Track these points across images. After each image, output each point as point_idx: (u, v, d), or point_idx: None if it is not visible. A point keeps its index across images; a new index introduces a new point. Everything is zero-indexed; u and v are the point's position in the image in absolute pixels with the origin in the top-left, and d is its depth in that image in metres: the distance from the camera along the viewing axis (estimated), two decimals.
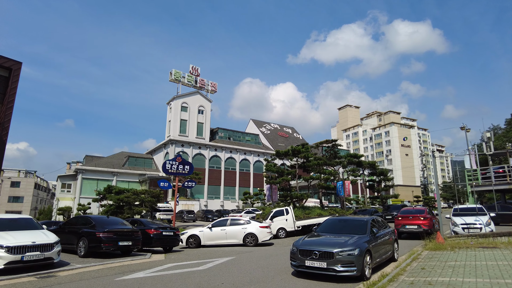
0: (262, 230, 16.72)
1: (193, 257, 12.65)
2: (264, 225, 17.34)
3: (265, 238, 16.71)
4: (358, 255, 7.88)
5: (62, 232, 13.15)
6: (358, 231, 9.34)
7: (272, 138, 69.59)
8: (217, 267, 10.08)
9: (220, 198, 54.87)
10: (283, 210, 22.36)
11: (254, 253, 13.47)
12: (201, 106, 57.08)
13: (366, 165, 36.99)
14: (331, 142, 31.31)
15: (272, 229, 21.43)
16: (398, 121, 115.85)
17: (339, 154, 32.51)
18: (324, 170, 27.28)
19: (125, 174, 51.52)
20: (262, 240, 16.59)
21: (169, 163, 26.95)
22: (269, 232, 17.00)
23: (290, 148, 27.23)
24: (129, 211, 32.77)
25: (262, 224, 17.40)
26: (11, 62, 23.70)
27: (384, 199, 40.53)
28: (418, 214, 16.72)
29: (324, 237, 9.22)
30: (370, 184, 40.90)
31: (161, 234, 14.42)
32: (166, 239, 14.58)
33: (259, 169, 60.90)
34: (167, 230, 14.83)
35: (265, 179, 28.62)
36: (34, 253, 8.98)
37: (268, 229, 17.12)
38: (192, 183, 28.11)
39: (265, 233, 16.79)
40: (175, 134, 52.57)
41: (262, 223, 17.70)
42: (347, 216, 10.65)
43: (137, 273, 9.04)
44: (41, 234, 9.77)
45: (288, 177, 25.86)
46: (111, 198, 35.16)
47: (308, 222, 22.68)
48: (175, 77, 55.07)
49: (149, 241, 14.07)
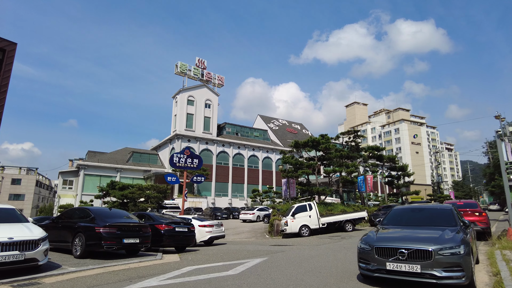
0: (200, 230, 14.97)
1: (214, 258, 10.31)
2: (203, 223, 15.39)
3: (203, 238, 14.99)
4: (465, 254, 5.51)
5: (55, 227, 10.84)
6: (444, 222, 6.96)
7: (281, 134, 67.12)
8: (252, 271, 7.72)
9: (228, 195, 52.49)
10: (306, 205, 20.01)
11: (288, 253, 11.10)
12: (208, 100, 54.71)
13: (386, 159, 34.45)
14: (353, 133, 28.65)
15: (293, 226, 19.15)
16: (407, 118, 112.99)
17: (360, 146, 29.95)
18: (346, 163, 24.80)
19: (129, 170, 49.26)
20: (200, 240, 14.91)
21: (177, 156, 24.81)
22: (208, 232, 15.13)
23: (309, 138, 24.81)
24: (134, 208, 30.53)
25: (202, 223, 15.37)
26: (5, 43, 21.35)
27: (405, 196, 38.03)
28: (472, 209, 14.07)
29: (402, 230, 6.83)
30: (389, 180, 38.37)
31: (174, 231, 12.05)
32: (179, 236, 12.21)
33: (268, 165, 58.47)
34: (181, 225, 12.46)
35: (282, 173, 26.34)
36: (11, 252, 6.68)
37: (208, 228, 15.23)
38: (201, 178, 25.90)
39: (204, 233, 15.04)
40: (181, 129, 50.25)
41: (203, 222, 15.46)
42: (422, 204, 8.38)
43: (148, 280, 6.71)
44: (22, 228, 7.47)
45: (308, 170, 23.44)
46: (115, 194, 32.94)
47: (334, 219, 20.30)
48: (180, 69, 52.76)
49: (159, 238, 11.69)
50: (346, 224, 20.50)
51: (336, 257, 9.95)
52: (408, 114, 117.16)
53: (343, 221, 20.44)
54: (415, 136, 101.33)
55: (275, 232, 21.37)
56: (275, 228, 21.50)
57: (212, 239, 15.44)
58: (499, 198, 60.58)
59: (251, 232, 23.89)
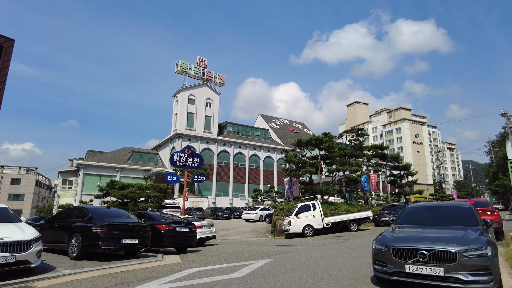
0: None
1: (217, 259, 9.87)
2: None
3: None
4: (493, 256, 5.07)
5: (51, 227, 10.41)
6: (464, 221, 6.51)
7: (282, 133, 66.64)
8: (258, 273, 7.27)
9: (229, 195, 52.02)
10: (310, 205, 19.55)
11: (293, 254, 10.65)
12: (208, 98, 54.22)
13: (389, 158, 33.97)
14: (357, 131, 28.14)
15: (297, 226, 18.70)
16: (409, 117, 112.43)
17: (364, 145, 29.42)
18: (350, 161, 24.30)
19: (129, 170, 48.81)
20: None
21: (178, 155, 24.39)
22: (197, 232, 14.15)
23: (312, 137, 24.34)
24: (134, 207, 30.08)
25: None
26: (2, 39, 20.92)
27: (408, 195, 37.55)
28: (483, 208, 13.52)
29: (421, 230, 6.37)
30: (392, 179, 37.89)
31: (175, 231, 11.61)
32: (180, 237, 11.76)
33: (269, 165, 58.00)
34: (182, 225, 12.02)
35: (285, 172, 25.87)
36: (0, 254, 6.24)
37: (197, 229, 14.32)
38: (202, 177, 25.45)
39: None
40: (181, 128, 49.78)
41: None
42: (438, 202, 7.92)
43: (148, 283, 6.27)
44: (14, 228, 7.03)
45: (311, 168, 22.95)
46: (114, 193, 32.50)
47: (339, 219, 19.83)
48: (181, 68, 52.29)
49: (159, 239, 11.24)
50: (351, 224, 20.05)
51: (345, 258, 9.50)
52: (410, 114, 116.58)
53: (348, 221, 19.98)
54: (417, 136, 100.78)
55: (278, 232, 20.93)
56: (278, 228, 21.06)
57: (202, 240, 14.86)
58: (502, 198, 60.07)
59: (253, 232, 23.45)
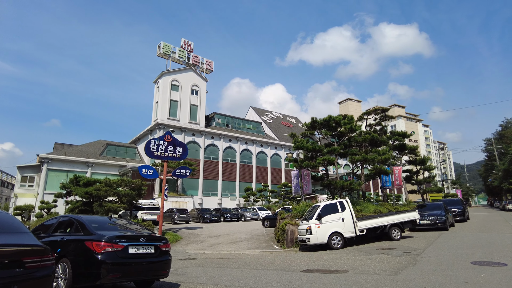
0: None
1: None
2: None
3: None
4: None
5: None
6: None
7: (275, 127, 61.09)
8: None
9: (217, 194, 46.00)
10: (337, 204, 13.92)
11: None
12: (194, 85, 48.03)
13: (408, 150, 28.80)
14: (381, 113, 22.61)
15: (320, 234, 13.07)
16: (403, 115, 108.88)
17: (385, 129, 24.05)
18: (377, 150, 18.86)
19: (102, 165, 42.16)
20: None
21: (155, 143, 18.58)
22: None
23: (329, 117, 18.77)
24: (99, 208, 23.88)
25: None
26: None
27: (425, 193, 32.49)
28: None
29: None
30: (407, 175, 32.75)
31: (125, 253, 5.78)
32: (137, 265, 5.93)
33: (262, 161, 52.26)
34: (141, 242, 6.16)
35: (293, 164, 20.36)
36: None
37: None
38: (186, 171, 19.69)
39: None
40: (163, 117, 43.46)
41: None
42: None
43: None
44: None
45: (331, 156, 17.30)
46: (77, 191, 26.16)
47: (377, 223, 14.25)
48: (164, 51, 46.02)
49: (93, 270, 5.43)
50: (392, 229, 14.53)
51: None
52: (404, 111, 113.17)
53: (388, 226, 14.46)
54: (413, 133, 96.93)
55: (289, 241, 15.26)
56: (288, 237, 15.38)
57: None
58: None
59: (251, 240, 17.79)
